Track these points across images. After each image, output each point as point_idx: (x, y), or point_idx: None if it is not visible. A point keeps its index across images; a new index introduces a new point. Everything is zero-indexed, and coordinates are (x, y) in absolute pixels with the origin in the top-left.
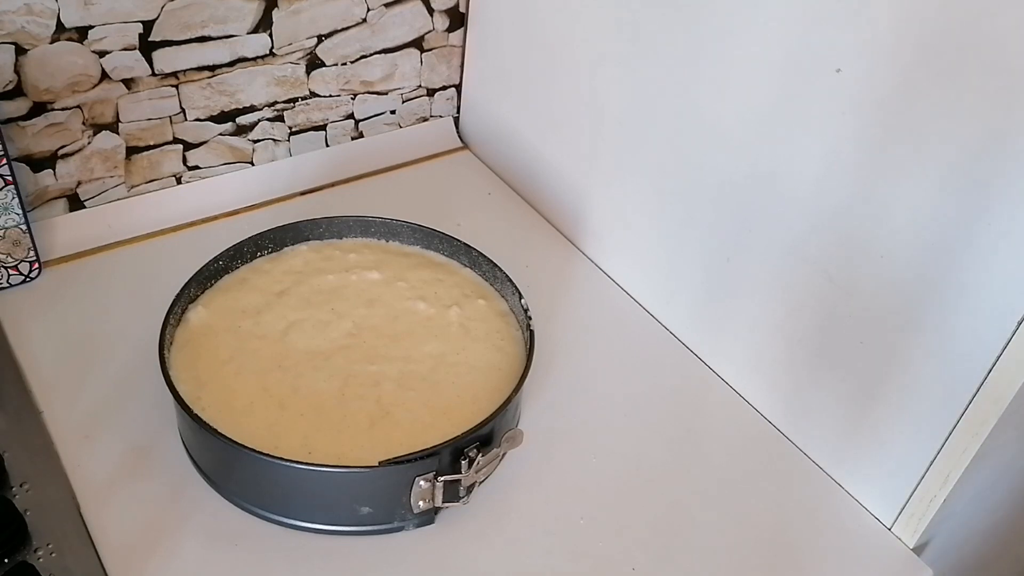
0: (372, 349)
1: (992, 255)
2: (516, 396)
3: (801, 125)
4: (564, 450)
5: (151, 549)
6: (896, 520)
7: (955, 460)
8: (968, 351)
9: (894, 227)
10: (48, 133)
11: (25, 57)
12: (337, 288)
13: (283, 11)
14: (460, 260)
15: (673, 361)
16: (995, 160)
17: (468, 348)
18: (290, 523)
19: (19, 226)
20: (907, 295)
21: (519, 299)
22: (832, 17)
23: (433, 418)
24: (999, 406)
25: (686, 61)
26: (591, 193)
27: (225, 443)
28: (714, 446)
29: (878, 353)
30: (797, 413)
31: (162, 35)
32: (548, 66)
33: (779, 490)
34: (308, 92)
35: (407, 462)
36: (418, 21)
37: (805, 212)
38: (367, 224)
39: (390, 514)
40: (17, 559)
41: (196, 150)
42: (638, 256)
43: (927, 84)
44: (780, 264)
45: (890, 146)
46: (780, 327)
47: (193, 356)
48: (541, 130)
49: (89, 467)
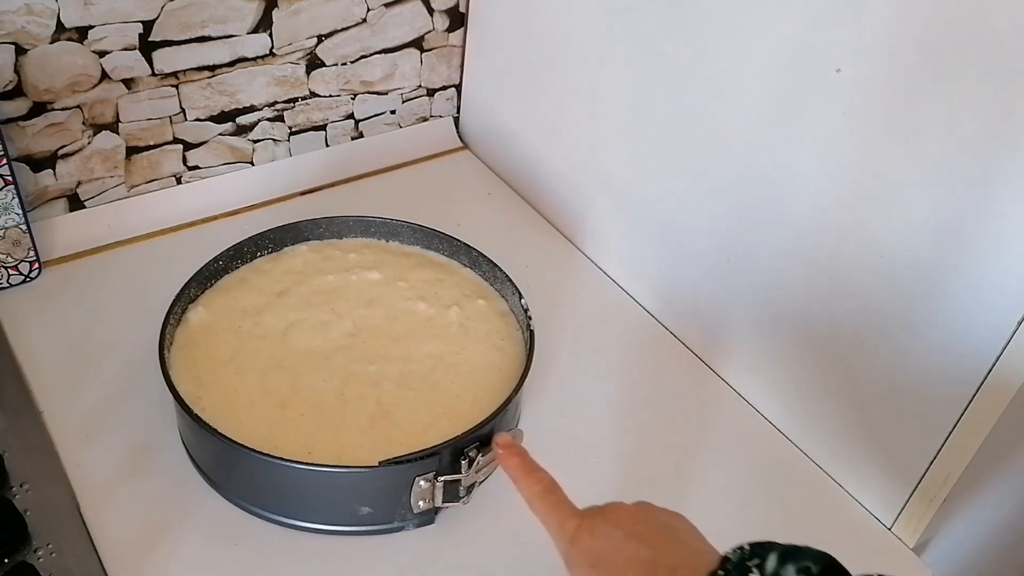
0: (372, 349)
1: (992, 255)
2: (516, 396)
3: (801, 125)
4: (564, 450)
5: (151, 549)
6: (896, 520)
7: (955, 460)
8: (968, 351)
9: (894, 227)
10: (48, 133)
11: (25, 57)
12: (337, 288)
13: (283, 11)
14: (460, 260)
15: (673, 361)
16: (995, 160)
17: (468, 348)
18: (290, 523)
19: (19, 226)
20: (907, 295)
21: (519, 299)
22: (832, 17)
23: (433, 418)
24: (999, 406)
25: (686, 61)
26: (591, 193)
27: (225, 443)
28: (714, 446)
29: (878, 353)
30: (797, 413)
31: (162, 35)
32: (548, 66)
33: (779, 490)
34: (308, 92)
35: (407, 462)
36: (418, 21)
37: (805, 212)
38: (367, 224)
39: (390, 514)
40: (17, 559)
41: (196, 150)
42: (638, 256)
43: (927, 84)
44: (780, 264)
45: (890, 146)
46: (780, 327)
47: (193, 356)
48: (541, 130)
49: (89, 467)
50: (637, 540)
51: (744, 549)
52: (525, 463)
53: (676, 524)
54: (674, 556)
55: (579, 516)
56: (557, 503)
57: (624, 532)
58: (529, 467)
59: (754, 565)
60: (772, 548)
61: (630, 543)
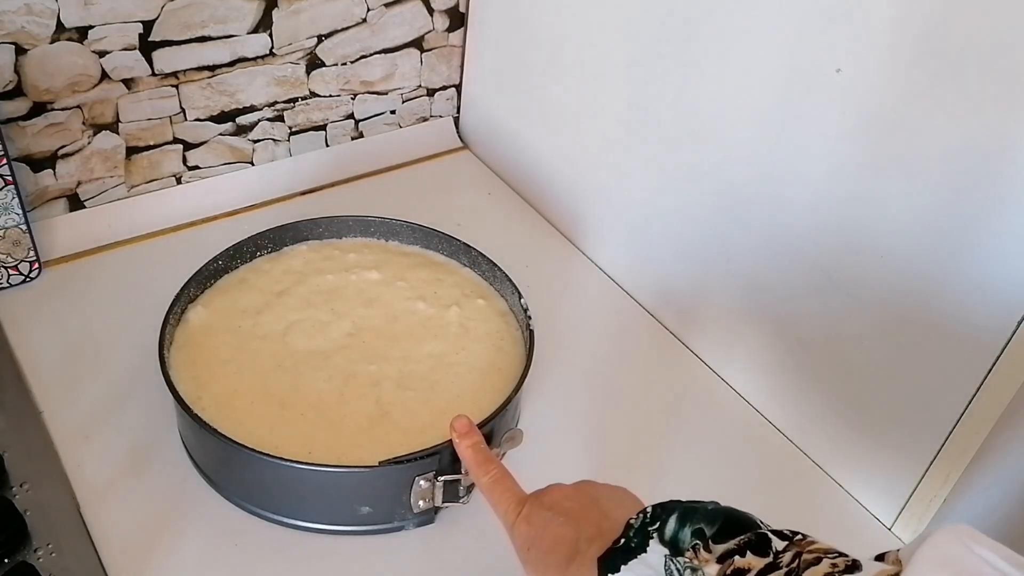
0: (372, 349)
1: (992, 255)
2: (516, 396)
3: (801, 125)
4: (563, 450)
5: (151, 549)
6: (896, 520)
7: (955, 460)
8: (968, 351)
9: (894, 227)
10: (48, 133)
11: (25, 57)
12: (337, 288)
13: (283, 11)
14: (460, 260)
15: (673, 361)
16: (995, 160)
17: (468, 348)
18: (290, 523)
19: (19, 226)
20: (907, 295)
21: (519, 299)
22: (832, 17)
23: (433, 418)
24: (999, 406)
25: (686, 61)
26: (591, 193)
27: (225, 443)
28: (714, 446)
29: (878, 353)
30: (797, 413)
31: (162, 35)
32: (548, 66)
33: (779, 490)
34: (308, 92)
35: (407, 462)
36: (418, 21)
37: (805, 212)
38: (366, 224)
39: (390, 514)
40: (17, 559)
41: (196, 150)
42: (638, 256)
43: (927, 84)
44: (781, 264)
45: (890, 146)
46: (780, 327)
47: (193, 356)
48: (541, 130)
49: (89, 467)
50: (564, 517)
51: (646, 513)
52: (477, 454)
53: (611, 495)
54: (594, 527)
55: (521, 503)
56: (503, 491)
57: (554, 512)
58: (481, 458)
59: (654, 530)
60: (672, 510)
61: (557, 522)
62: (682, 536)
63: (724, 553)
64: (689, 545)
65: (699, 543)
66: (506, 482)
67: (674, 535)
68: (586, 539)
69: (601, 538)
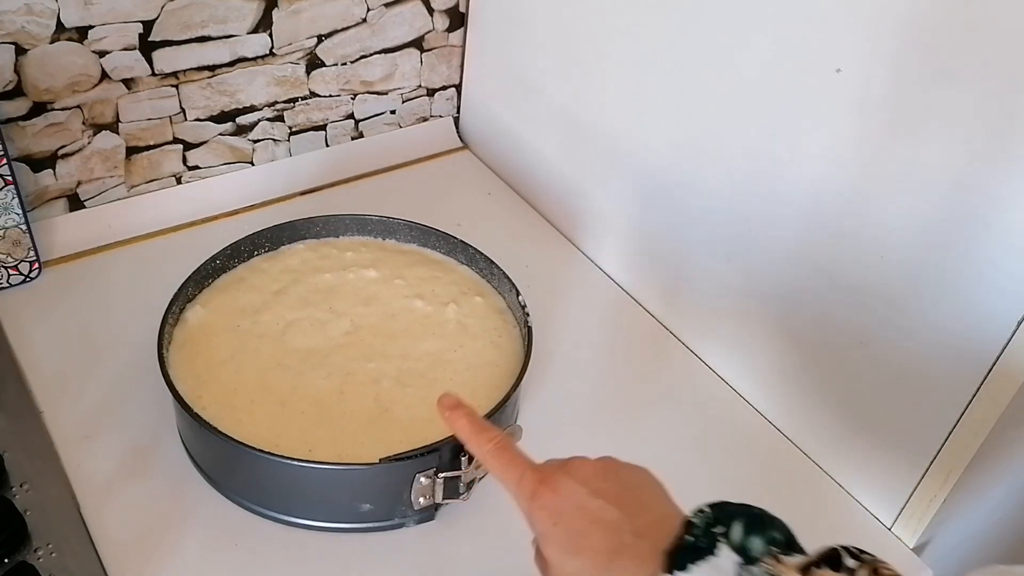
0: (370, 347)
1: (992, 255)
2: (515, 393)
3: (801, 125)
4: (562, 446)
5: (151, 549)
6: (896, 520)
7: (955, 460)
8: (968, 351)
9: (894, 227)
10: (48, 133)
11: (25, 57)
12: (335, 286)
13: (283, 11)
14: (457, 257)
15: (672, 360)
16: (995, 160)
17: (466, 345)
18: (291, 521)
19: (19, 226)
20: (907, 295)
21: (516, 296)
22: (832, 17)
23: (432, 415)
24: (999, 406)
25: (685, 62)
26: (590, 193)
27: (225, 441)
28: (713, 445)
29: (878, 353)
30: (797, 413)
31: (162, 35)
32: (548, 66)
33: (779, 490)
34: (308, 92)
35: (407, 459)
36: (418, 21)
37: (805, 212)
38: (364, 222)
39: (391, 511)
40: (17, 559)
41: (196, 150)
42: (637, 255)
43: (927, 84)
44: (781, 264)
45: (890, 146)
46: (780, 327)
47: (192, 355)
48: (541, 130)
49: (89, 467)
50: (603, 499)
51: (706, 512)
52: (474, 423)
53: (642, 482)
54: (640, 520)
55: (539, 471)
56: (512, 459)
57: (589, 489)
58: (479, 427)
59: (720, 534)
60: (734, 514)
61: (595, 501)
62: (752, 543)
63: (805, 564)
64: (762, 553)
65: (776, 551)
66: (512, 449)
67: (743, 541)
68: (632, 531)
69: (652, 533)
